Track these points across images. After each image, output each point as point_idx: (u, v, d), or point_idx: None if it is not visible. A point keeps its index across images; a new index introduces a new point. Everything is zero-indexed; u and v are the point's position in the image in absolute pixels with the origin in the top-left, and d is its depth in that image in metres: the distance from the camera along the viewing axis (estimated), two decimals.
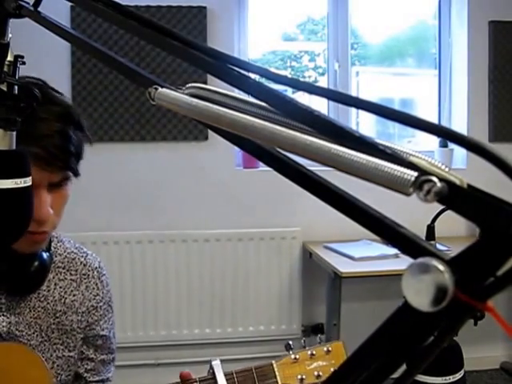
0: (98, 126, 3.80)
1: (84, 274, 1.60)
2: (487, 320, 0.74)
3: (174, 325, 3.95)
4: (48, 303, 1.51)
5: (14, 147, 1.00)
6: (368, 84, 4.66)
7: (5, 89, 0.97)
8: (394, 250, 3.36)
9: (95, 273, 1.62)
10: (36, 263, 1.44)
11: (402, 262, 2.59)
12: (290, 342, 1.53)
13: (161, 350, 3.95)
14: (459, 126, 4.27)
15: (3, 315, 1.44)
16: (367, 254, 3.51)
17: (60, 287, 1.54)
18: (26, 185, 0.97)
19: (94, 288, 1.61)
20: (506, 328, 0.44)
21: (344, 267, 3.30)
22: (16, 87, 0.99)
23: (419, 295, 0.44)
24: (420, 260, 0.44)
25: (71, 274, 1.57)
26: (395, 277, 2.19)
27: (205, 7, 3.89)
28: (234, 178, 4.01)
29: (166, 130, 3.87)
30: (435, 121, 4.13)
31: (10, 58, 0.99)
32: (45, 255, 1.48)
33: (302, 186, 0.55)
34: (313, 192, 0.54)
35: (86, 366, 1.59)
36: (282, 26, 4.51)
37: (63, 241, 1.61)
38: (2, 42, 0.97)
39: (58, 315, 1.52)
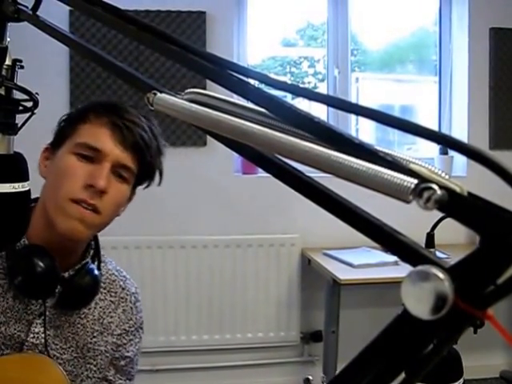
0: None
1: (122, 298, 1.59)
2: (487, 328, 0.74)
3: (172, 331, 3.94)
4: (88, 321, 1.51)
5: (12, 151, 0.99)
6: (368, 90, 4.66)
7: (3, 93, 0.97)
8: (393, 258, 3.36)
9: (132, 298, 1.62)
10: (88, 279, 1.46)
11: (402, 270, 2.58)
12: (310, 377, 1.51)
13: (159, 356, 3.93)
14: (459, 133, 4.27)
15: (43, 327, 1.42)
16: (366, 261, 3.50)
17: (100, 307, 1.54)
18: (23, 189, 0.97)
19: (129, 312, 1.60)
20: (506, 336, 0.44)
21: (343, 274, 3.29)
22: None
23: (419, 303, 0.44)
24: (419, 268, 0.44)
25: (111, 296, 1.57)
26: (394, 284, 2.19)
27: (204, 12, 3.89)
28: (232, 184, 4.00)
29: (165, 135, 3.81)
30: (435, 128, 4.12)
31: (8, 61, 0.99)
32: (97, 272, 1.48)
33: (301, 192, 0.55)
34: (312, 199, 0.54)
35: None
36: (282, 31, 4.51)
37: (106, 262, 1.60)
38: (1, 45, 0.97)
39: (95, 334, 1.52)
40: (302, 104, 3.46)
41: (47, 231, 1.40)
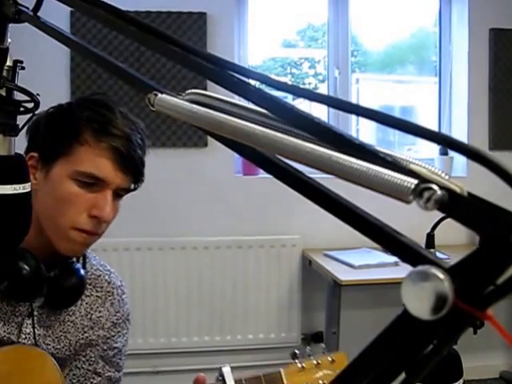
0: None
1: (108, 292, 1.62)
2: (487, 328, 0.74)
3: (173, 332, 3.93)
4: (76, 317, 1.53)
5: (13, 153, 0.99)
6: (368, 91, 4.66)
7: (4, 94, 0.97)
8: (393, 258, 3.36)
9: (119, 291, 1.65)
10: (75, 279, 1.47)
11: (402, 270, 2.58)
12: (297, 351, 1.53)
13: (159, 358, 3.93)
14: (459, 133, 4.27)
15: (34, 327, 1.44)
16: (367, 262, 3.50)
17: (86, 303, 1.56)
18: (24, 191, 0.97)
19: (117, 305, 1.63)
20: (505, 337, 0.44)
21: (344, 275, 3.29)
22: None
23: (419, 303, 0.44)
24: (419, 268, 0.44)
25: (97, 291, 1.59)
26: (395, 285, 2.19)
27: (205, 13, 3.89)
28: (233, 185, 4.00)
29: (165, 136, 3.87)
30: (435, 128, 4.11)
31: (9, 63, 0.98)
32: (82, 271, 1.49)
33: (302, 193, 0.55)
34: (313, 199, 0.54)
35: (92, 381, 1.57)
36: (283, 32, 4.51)
37: (89, 257, 1.62)
38: (2, 46, 0.97)
39: (85, 330, 1.54)
40: (303, 105, 3.46)
41: (37, 237, 1.40)
